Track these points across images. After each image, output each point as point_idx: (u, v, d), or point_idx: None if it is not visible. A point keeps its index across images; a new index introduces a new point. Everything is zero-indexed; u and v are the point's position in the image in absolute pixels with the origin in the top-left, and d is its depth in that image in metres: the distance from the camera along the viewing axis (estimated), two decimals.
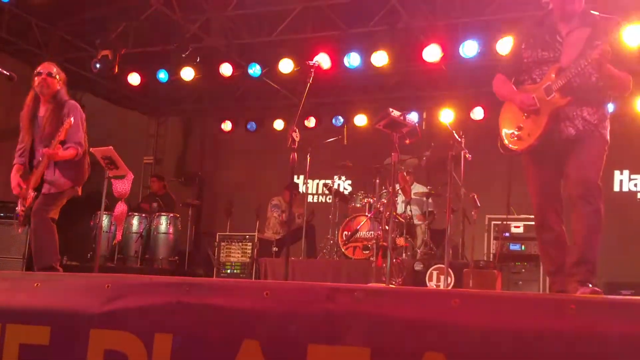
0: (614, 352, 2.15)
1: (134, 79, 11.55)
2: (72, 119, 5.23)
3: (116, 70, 10.38)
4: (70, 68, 10.66)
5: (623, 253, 9.11)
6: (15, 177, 5.43)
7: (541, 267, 7.64)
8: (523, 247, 7.83)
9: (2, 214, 9.76)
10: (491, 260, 7.75)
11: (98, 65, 10.27)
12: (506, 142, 4.36)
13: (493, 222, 8.07)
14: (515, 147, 4.30)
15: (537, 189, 4.30)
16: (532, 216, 7.68)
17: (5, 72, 5.82)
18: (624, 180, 10.53)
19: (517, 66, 4.40)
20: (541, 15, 4.47)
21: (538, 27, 4.35)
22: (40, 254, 5.26)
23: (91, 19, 10.47)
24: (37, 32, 10.92)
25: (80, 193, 5.55)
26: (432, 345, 2.31)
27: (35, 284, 3.01)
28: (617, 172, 10.52)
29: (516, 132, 4.27)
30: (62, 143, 5.31)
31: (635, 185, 10.50)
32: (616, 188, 10.50)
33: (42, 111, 5.44)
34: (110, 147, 6.52)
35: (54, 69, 5.52)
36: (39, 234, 5.28)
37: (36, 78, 5.46)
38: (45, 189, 5.33)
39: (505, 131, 4.38)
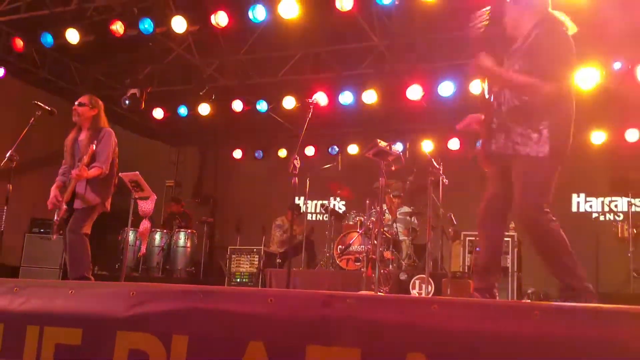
0: (571, 353, 2.14)
1: (158, 113, 11.62)
2: (94, 145, 5.23)
3: (143, 106, 10.44)
4: (102, 103, 10.72)
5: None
6: (53, 191, 5.41)
7: (510, 278, 7.62)
8: None
9: (42, 230, 9.76)
10: (466, 271, 7.73)
11: (127, 102, 10.33)
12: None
13: (467, 238, 8.05)
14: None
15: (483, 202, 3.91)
16: None
17: (47, 107, 5.85)
18: (580, 202, 10.54)
19: None
20: None
21: None
22: (75, 264, 5.22)
23: (121, 62, 10.54)
24: (74, 72, 10.99)
25: (109, 209, 5.51)
26: (414, 345, 2.30)
27: (70, 291, 2.99)
28: (574, 195, 10.53)
29: None
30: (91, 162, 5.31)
31: (591, 206, 10.50)
32: (574, 209, 10.50)
33: (82, 136, 5.44)
34: (137, 172, 6.51)
35: (86, 99, 5.52)
36: (73, 247, 5.24)
37: (75, 109, 5.47)
38: (77, 204, 5.30)
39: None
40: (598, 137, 10.11)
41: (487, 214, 3.87)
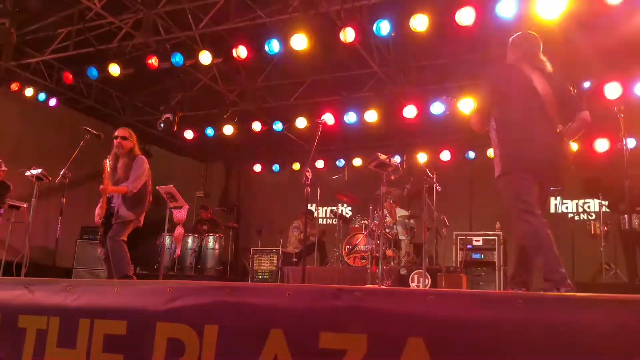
0: (551, 336, 2.13)
1: (189, 134, 11.68)
2: (108, 160, 5.40)
3: (175, 128, 10.48)
4: (141, 127, 10.82)
5: None
6: (97, 210, 5.47)
7: (496, 271, 7.57)
8: (482, 256, 7.75)
9: (91, 236, 9.82)
10: (458, 266, 7.69)
11: (162, 125, 10.38)
12: None
13: (459, 237, 8.01)
14: None
15: None
16: (490, 232, 7.68)
17: (94, 132, 5.91)
18: (557, 204, 10.47)
19: None
20: None
21: None
22: (117, 266, 5.25)
23: (156, 91, 10.62)
24: (116, 100, 11.09)
25: (141, 224, 5.53)
26: (413, 331, 2.29)
27: (116, 288, 3.01)
28: (552, 198, 10.45)
29: None
30: (118, 182, 5.37)
31: (566, 208, 10.44)
32: (552, 210, 10.42)
33: (120, 163, 5.49)
34: (171, 185, 6.55)
35: (127, 133, 5.54)
36: (114, 251, 5.28)
37: (114, 141, 5.49)
38: (114, 219, 5.36)
39: None
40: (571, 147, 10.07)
41: None
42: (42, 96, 10.13)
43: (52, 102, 10.24)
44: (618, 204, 7.19)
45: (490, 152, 3.87)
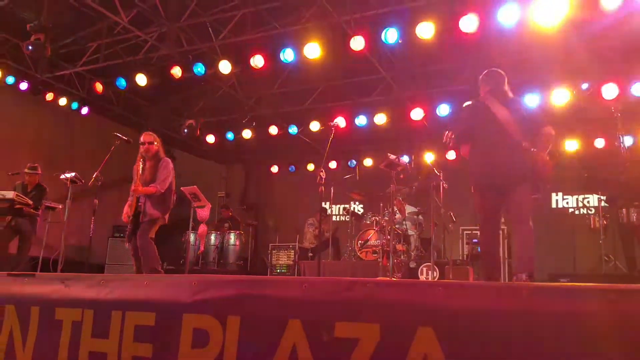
0: (553, 324, 2.11)
1: (210, 138, 11.74)
2: (139, 166, 5.43)
3: (198, 133, 10.56)
4: (166, 132, 10.89)
5: (559, 252, 8.91)
6: (125, 209, 5.51)
7: (501, 263, 7.49)
8: None
9: (122, 235, 9.91)
10: (465, 259, 7.63)
11: (185, 130, 10.46)
12: None
13: (465, 232, 7.96)
14: None
15: None
16: None
17: (125, 137, 5.96)
18: (558, 200, 10.36)
19: None
20: None
21: None
22: (147, 261, 5.28)
23: (180, 99, 10.69)
24: (143, 108, 11.17)
25: (167, 222, 5.56)
26: (423, 321, 2.28)
27: (145, 282, 3.03)
28: (553, 194, 10.36)
29: None
30: (145, 183, 5.40)
31: (567, 203, 10.32)
32: (553, 205, 10.33)
33: (147, 165, 5.53)
34: (195, 186, 6.59)
35: (153, 138, 5.59)
36: (143, 248, 5.32)
37: (141, 146, 5.54)
38: (142, 218, 5.40)
39: None
40: (571, 145, 9.98)
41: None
42: (74, 105, 10.27)
43: (84, 110, 10.37)
44: (616, 199, 7.10)
45: None
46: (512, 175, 4.03)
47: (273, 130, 10.98)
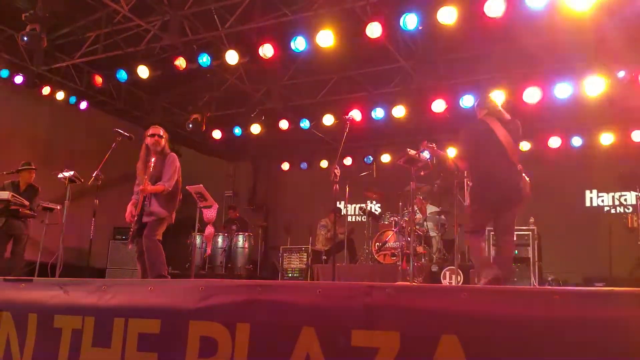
0: (588, 332, 2.09)
1: (217, 134, 11.78)
2: (152, 162, 5.39)
3: (203, 128, 10.60)
4: (169, 127, 10.91)
5: (594, 254, 8.83)
6: (129, 207, 5.52)
7: (531, 266, 7.44)
8: (516, 251, 7.59)
9: (123, 237, 9.97)
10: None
11: (190, 125, 10.51)
12: None
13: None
14: None
15: None
16: (523, 227, 7.55)
17: (126, 134, 5.99)
18: (593, 198, 10.24)
19: None
20: None
21: None
22: (152, 265, 5.29)
23: (184, 92, 10.74)
24: (145, 102, 11.24)
25: (173, 221, 5.56)
26: (447, 329, 2.27)
27: (149, 288, 3.05)
28: (587, 191, 10.23)
29: None
30: (155, 181, 5.41)
31: (602, 201, 10.18)
32: (587, 204, 10.21)
33: (152, 160, 5.55)
34: (201, 185, 6.61)
35: (162, 131, 5.60)
36: (149, 250, 5.33)
37: (149, 138, 5.52)
38: (147, 218, 5.39)
39: None
40: (606, 138, 9.86)
41: None
42: (72, 99, 10.33)
43: (83, 105, 10.44)
44: None
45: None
46: (511, 199, 4.76)
47: (283, 124, 10.98)
